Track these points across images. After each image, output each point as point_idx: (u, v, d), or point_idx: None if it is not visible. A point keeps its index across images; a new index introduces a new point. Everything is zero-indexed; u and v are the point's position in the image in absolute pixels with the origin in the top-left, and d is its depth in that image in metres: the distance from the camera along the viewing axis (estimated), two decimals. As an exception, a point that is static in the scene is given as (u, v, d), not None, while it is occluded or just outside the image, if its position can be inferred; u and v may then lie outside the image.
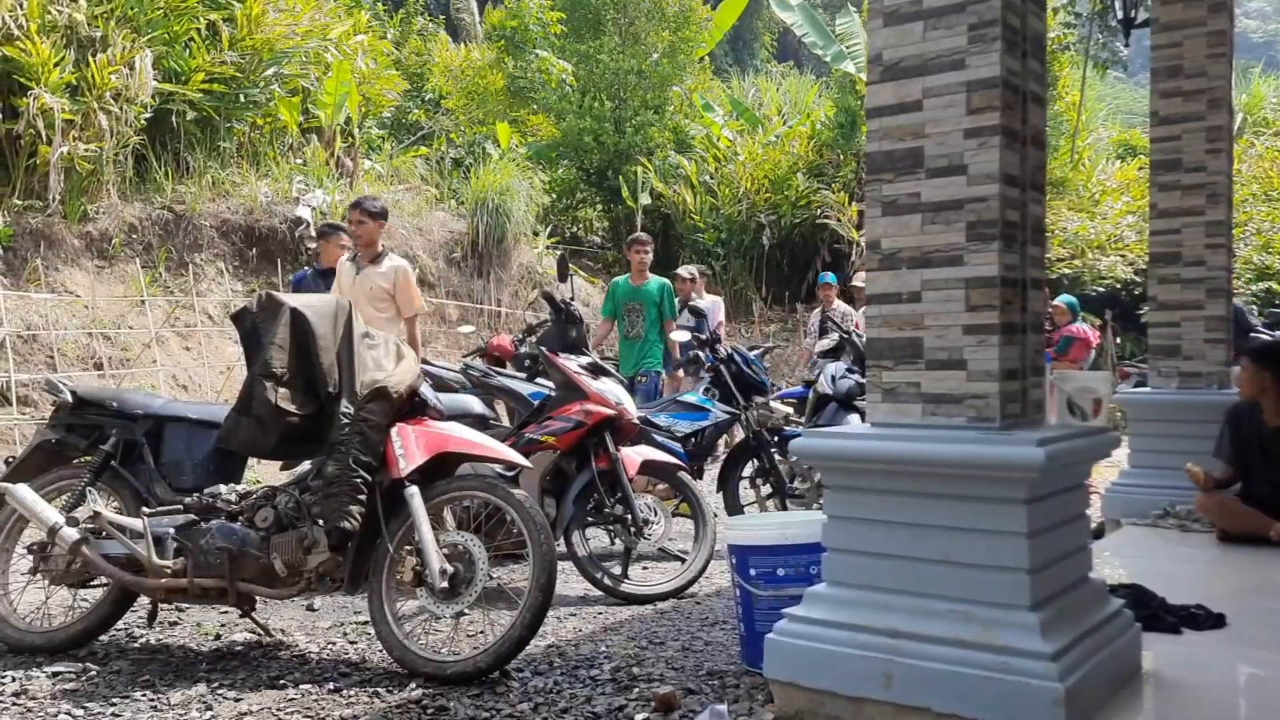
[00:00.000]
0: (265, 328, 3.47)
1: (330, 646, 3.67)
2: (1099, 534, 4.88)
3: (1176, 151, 5.16)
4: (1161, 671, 2.76)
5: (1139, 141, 20.33)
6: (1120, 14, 5.55)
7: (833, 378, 5.88)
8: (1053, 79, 15.88)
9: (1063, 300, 9.89)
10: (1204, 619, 3.18)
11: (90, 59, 9.25)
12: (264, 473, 6.37)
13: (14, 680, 3.25)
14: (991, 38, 2.49)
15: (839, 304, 9.44)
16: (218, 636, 3.82)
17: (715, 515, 4.55)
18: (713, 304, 8.80)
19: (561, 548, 4.14)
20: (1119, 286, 13.53)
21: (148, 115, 9.74)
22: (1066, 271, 13.56)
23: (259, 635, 3.77)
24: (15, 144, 9.09)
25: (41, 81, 8.87)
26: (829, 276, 9.81)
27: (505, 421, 5.80)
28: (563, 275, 5.35)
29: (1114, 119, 25.74)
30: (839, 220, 13.95)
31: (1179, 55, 5.16)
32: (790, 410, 5.80)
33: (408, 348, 3.73)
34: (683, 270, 8.99)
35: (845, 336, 6.45)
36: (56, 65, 8.99)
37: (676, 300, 7.73)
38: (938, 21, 2.58)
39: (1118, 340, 12.60)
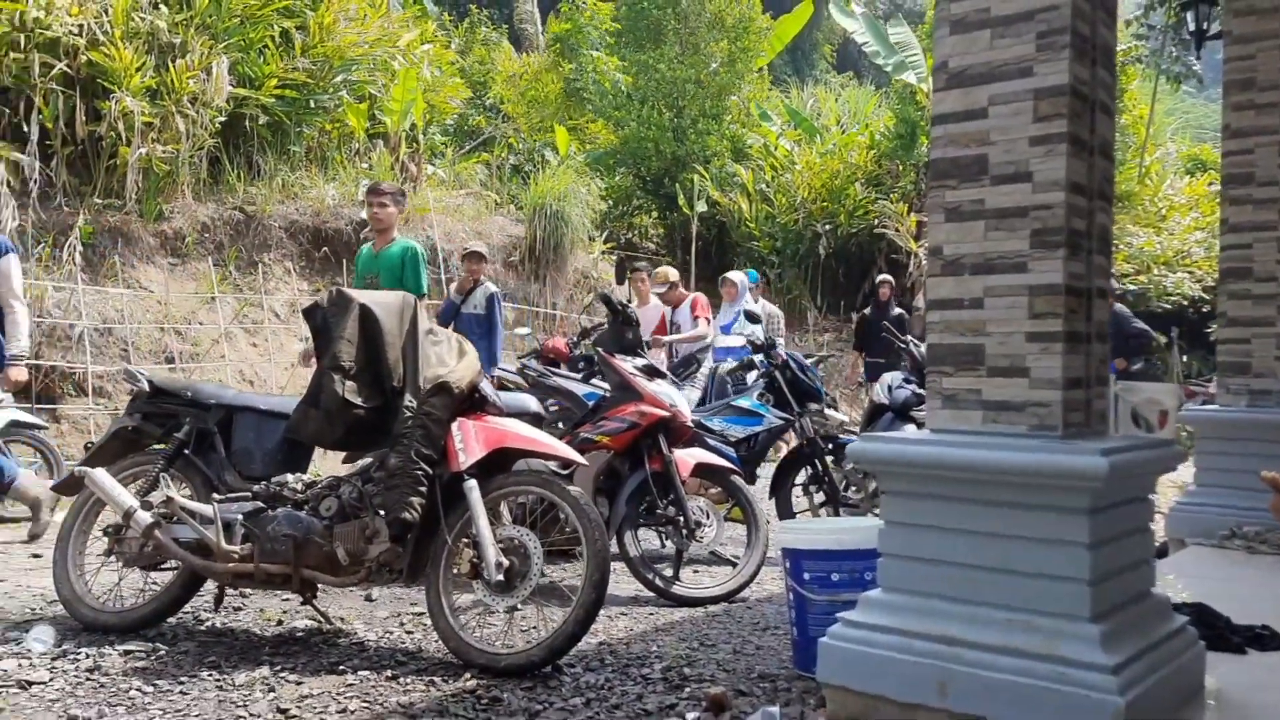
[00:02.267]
0: (335, 322, 3.57)
1: (388, 635, 3.75)
2: (1163, 553, 4.79)
3: (1249, 165, 5.06)
4: (1225, 691, 2.71)
5: (1209, 156, 19.88)
6: (1193, 26, 5.45)
7: (889, 387, 5.85)
8: (1121, 91, 15.62)
9: None
10: (1270, 640, 3.11)
11: (170, 64, 9.55)
12: (327, 465, 6.51)
13: (88, 657, 3.37)
14: (1060, 45, 2.49)
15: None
16: (280, 623, 3.92)
17: (768, 521, 4.55)
18: (769, 314, 8.63)
19: (613, 548, 4.18)
20: (1186, 303, 13.25)
21: (222, 119, 10.02)
22: (1131, 287, 13.31)
23: (319, 623, 3.87)
24: (97, 145, 9.42)
25: (123, 85, 9.19)
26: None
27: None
28: (620, 278, 5.39)
29: (1184, 134, 25.19)
30: (897, 230, 13.84)
31: (1252, 68, 5.06)
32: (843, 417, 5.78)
33: (469, 345, 3.81)
34: (668, 270, 7.96)
35: (904, 346, 6.41)
36: (138, 70, 9.30)
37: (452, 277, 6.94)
38: (1005, 29, 2.57)
39: (1184, 358, 12.33)
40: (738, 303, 7.89)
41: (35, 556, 5.13)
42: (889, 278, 9.45)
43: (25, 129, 8.90)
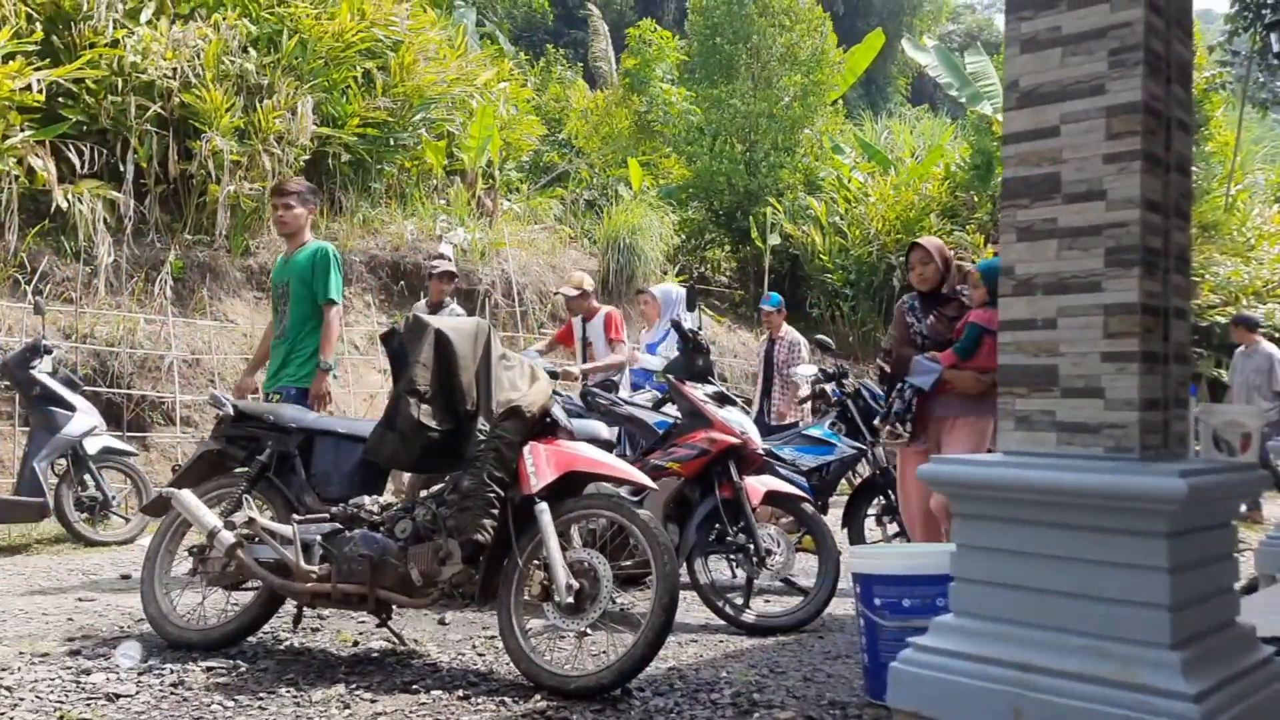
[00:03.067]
0: (411, 347, 3.66)
1: (460, 658, 3.80)
2: (1252, 589, 4.61)
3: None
4: (1317, 726, 2.59)
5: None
6: (1277, 48, 5.32)
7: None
8: (1204, 119, 15.23)
9: (981, 266, 7.86)
10: (1369, 676, 2.97)
11: (257, 105, 9.96)
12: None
13: (172, 672, 3.48)
14: (1133, 63, 2.46)
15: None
16: (355, 643, 4.00)
17: (840, 553, 4.50)
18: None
19: (684, 576, 4.17)
20: (1277, 335, 12.77)
21: (306, 157, 10.39)
22: (1219, 319, 12.89)
23: (394, 644, 3.93)
24: (188, 183, 9.84)
25: (213, 126, 9.60)
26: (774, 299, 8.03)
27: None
28: (690, 305, 5.43)
29: (1273, 162, 24.39)
30: (973, 261, 13.63)
31: (1343, 87, 4.91)
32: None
33: (541, 370, 3.87)
34: (583, 276, 6.99)
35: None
36: (227, 111, 9.72)
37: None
38: (1077, 47, 2.56)
39: (1276, 391, 11.86)
40: (664, 318, 6.93)
41: (124, 578, 5.32)
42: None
43: (121, 168, 9.34)
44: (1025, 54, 2.64)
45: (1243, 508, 5.90)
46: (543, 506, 3.46)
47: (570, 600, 3.31)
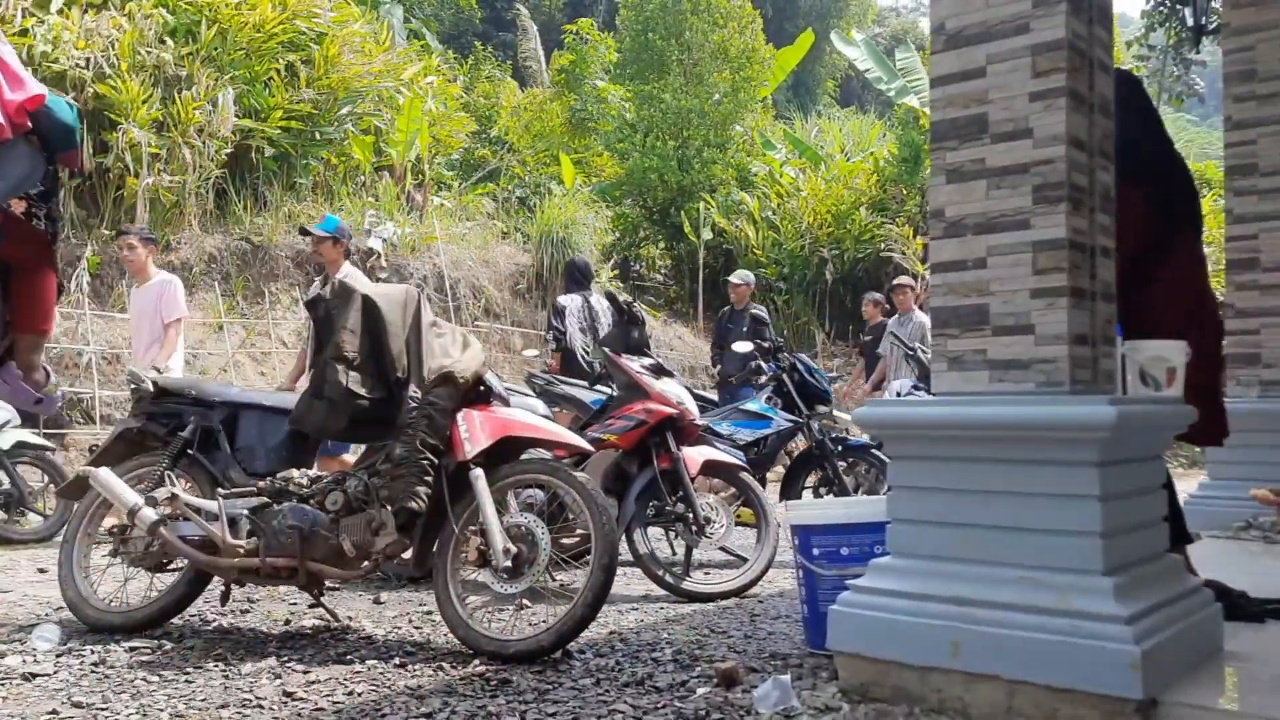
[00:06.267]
0: (338, 314, 3.58)
1: (395, 631, 3.71)
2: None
3: (1252, 156, 5.07)
4: (1245, 652, 2.65)
5: (1214, 174, 19.87)
6: (1191, 21, 5.49)
7: (898, 394, 5.83)
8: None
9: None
10: (1291, 611, 3.05)
11: (176, 96, 9.69)
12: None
13: (92, 653, 3.34)
14: (1056, 0, 2.50)
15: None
16: (288, 622, 3.88)
17: (779, 525, 4.50)
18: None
19: (623, 548, 4.13)
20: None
21: (228, 151, 10.14)
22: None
23: (327, 621, 3.83)
24: (105, 177, 9.52)
25: (130, 117, 9.31)
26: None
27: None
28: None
29: (1186, 156, 25.23)
30: (903, 254, 13.86)
31: (1252, 59, 5.09)
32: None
33: (474, 338, 3.80)
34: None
35: (911, 353, 6.39)
36: (145, 102, 9.43)
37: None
38: (1001, -12, 2.59)
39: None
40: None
41: (41, 571, 5.10)
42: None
43: (35, 161, 8.99)
44: (951, -3, 2.67)
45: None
46: (478, 472, 3.40)
47: (508, 564, 3.26)
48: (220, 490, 3.70)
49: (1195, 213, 3.27)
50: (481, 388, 3.66)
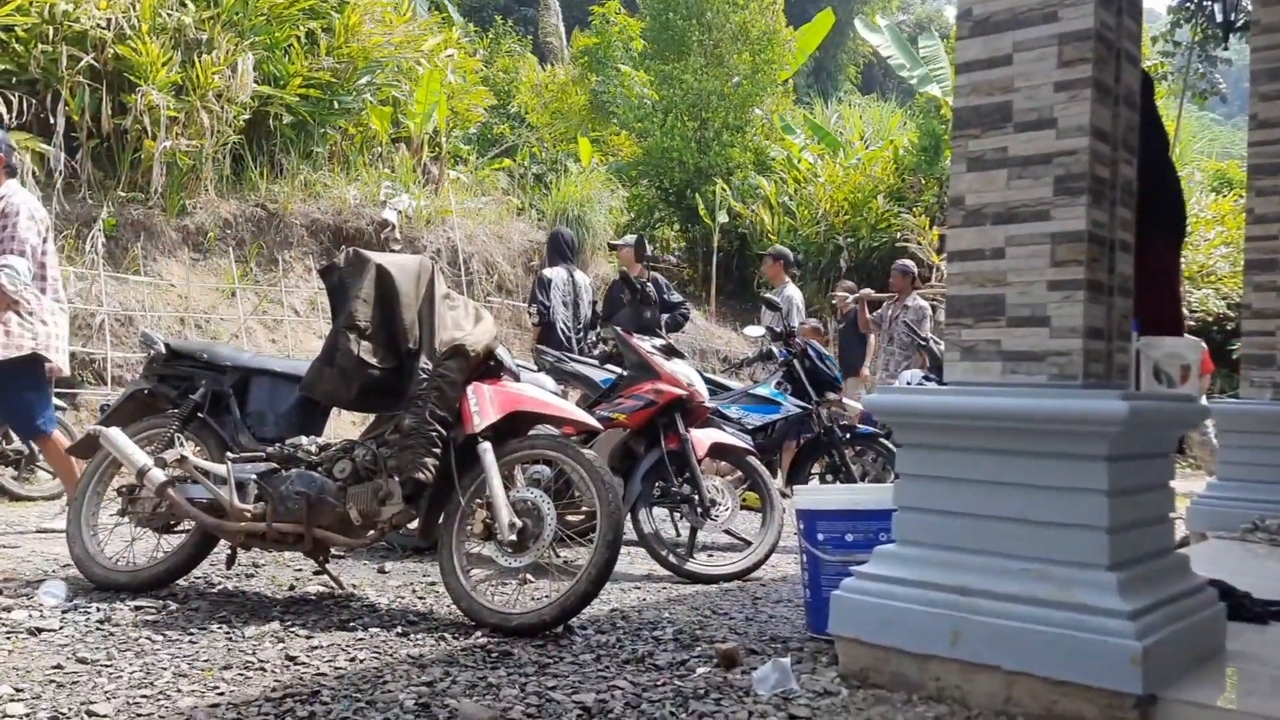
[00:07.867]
0: (352, 283, 3.58)
1: (399, 600, 3.73)
2: (1183, 545, 4.71)
3: (1277, 155, 5.01)
4: (1247, 652, 2.64)
5: (1236, 174, 19.72)
6: (1220, 18, 5.42)
7: (908, 384, 5.81)
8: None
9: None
10: (1294, 613, 3.04)
11: (195, 60, 9.65)
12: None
13: (99, 610, 3.37)
14: (1085, -11, 2.47)
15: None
16: (292, 587, 3.91)
17: (784, 511, 4.50)
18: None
19: (628, 527, 4.14)
20: (1210, 320, 13.10)
21: (246, 116, 10.10)
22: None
23: (331, 588, 3.85)
24: (122, 139, 9.51)
25: (149, 80, 9.29)
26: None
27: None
28: (639, 256, 5.38)
29: (1210, 156, 25.00)
30: (919, 243, 13.79)
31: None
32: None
33: (486, 312, 3.80)
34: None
35: (923, 344, 6.36)
36: (164, 65, 9.40)
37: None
38: (1030, -25, 2.56)
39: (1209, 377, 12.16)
40: None
41: (41, 532, 5.09)
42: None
43: (52, 121, 9.00)
44: (979, -18, 2.64)
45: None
46: (486, 446, 3.40)
47: (513, 538, 3.27)
48: (229, 454, 3.71)
49: (1180, 220, 3.24)
50: (492, 362, 3.67)
